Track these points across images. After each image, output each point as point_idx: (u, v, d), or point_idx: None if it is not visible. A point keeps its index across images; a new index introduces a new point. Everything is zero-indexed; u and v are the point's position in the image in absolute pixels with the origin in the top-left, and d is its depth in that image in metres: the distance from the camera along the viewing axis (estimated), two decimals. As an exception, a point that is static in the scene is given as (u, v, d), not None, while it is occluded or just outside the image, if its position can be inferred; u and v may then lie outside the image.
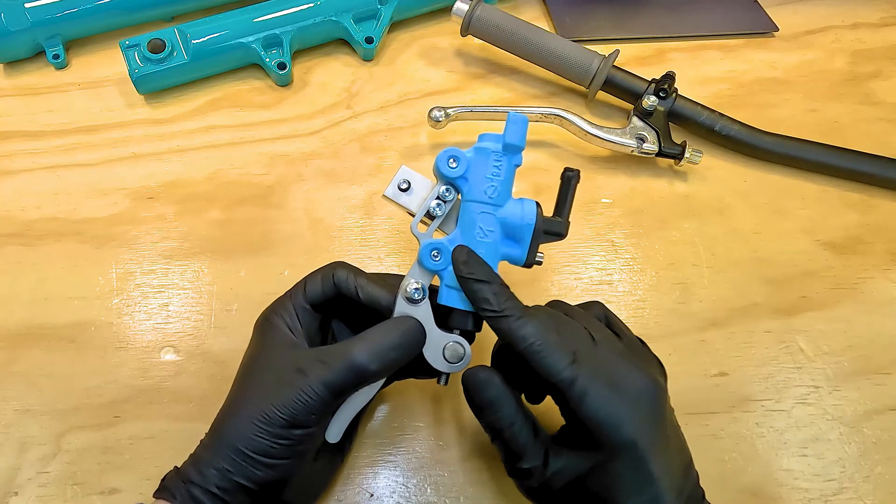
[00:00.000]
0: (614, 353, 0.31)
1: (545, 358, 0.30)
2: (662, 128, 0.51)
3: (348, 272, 0.35)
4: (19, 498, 0.37)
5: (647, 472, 0.28)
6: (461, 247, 0.34)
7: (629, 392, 0.30)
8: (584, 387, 0.29)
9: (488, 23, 0.54)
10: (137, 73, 0.52)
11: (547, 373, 0.30)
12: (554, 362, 0.30)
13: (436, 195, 0.35)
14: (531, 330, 0.30)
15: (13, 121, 0.53)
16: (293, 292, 0.35)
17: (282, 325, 0.34)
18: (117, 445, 0.39)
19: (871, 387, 0.43)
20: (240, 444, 0.30)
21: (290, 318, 0.34)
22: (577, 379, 0.29)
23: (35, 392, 0.41)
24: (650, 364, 0.33)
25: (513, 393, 0.32)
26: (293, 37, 0.55)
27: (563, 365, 0.30)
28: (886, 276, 0.48)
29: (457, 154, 0.34)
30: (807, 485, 0.39)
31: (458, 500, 0.38)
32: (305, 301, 0.35)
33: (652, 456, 0.29)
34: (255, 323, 0.36)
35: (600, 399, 0.29)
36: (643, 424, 0.29)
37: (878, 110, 0.57)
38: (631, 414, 0.29)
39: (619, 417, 0.29)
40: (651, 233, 0.49)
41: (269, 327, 0.34)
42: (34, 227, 0.47)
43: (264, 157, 0.52)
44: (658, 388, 0.31)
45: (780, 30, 0.62)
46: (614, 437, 0.29)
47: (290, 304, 0.35)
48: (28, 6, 0.53)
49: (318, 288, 0.35)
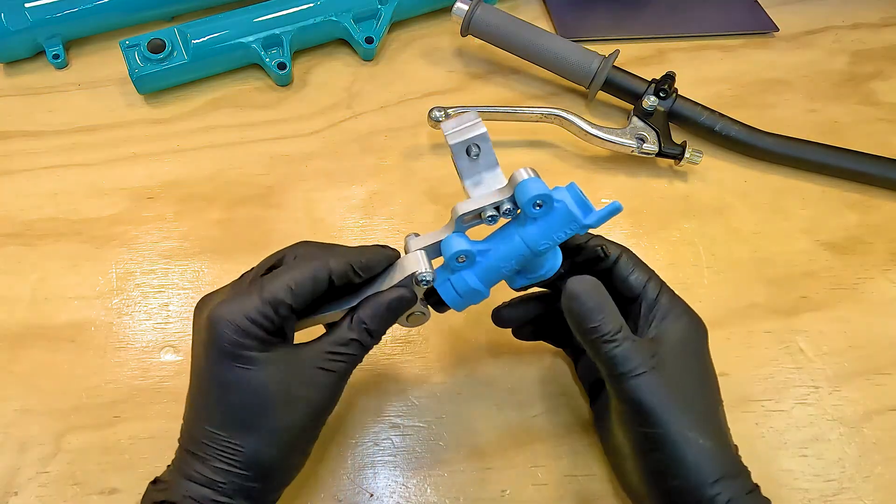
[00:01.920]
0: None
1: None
2: (662, 128, 0.51)
3: (342, 265, 0.32)
4: (19, 498, 0.37)
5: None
6: (590, 286, 0.32)
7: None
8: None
9: (488, 23, 0.54)
10: (137, 73, 0.52)
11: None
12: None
13: (497, 204, 0.32)
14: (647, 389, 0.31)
15: (13, 121, 0.53)
16: (266, 295, 0.30)
17: (247, 343, 0.30)
18: (117, 445, 0.39)
19: (871, 387, 0.43)
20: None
21: (258, 330, 0.30)
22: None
23: (35, 392, 0.41)
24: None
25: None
26: (293, 37, 0.55)
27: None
28: (886, 276, 0.48)
29: (546, 198, 0.31)
30: (807, 485, 0.39)
31: (458, 500, 0.38)
32: (291, 308, 0.31)
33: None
34: (204, 321, 0.31)
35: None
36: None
37: (878, 110, 0.57)
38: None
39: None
40: (651, 233, 0.49)
41: (228, 343, 0.30)
42: (34, 227, 0.47)
43: (264, 157, 0.52)
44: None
45: (780, 30, 0.62)
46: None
47: (260, 309, 0.30)
48: (28, 6, 0.53)
49: (309, 291, 0.31)
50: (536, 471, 0.39)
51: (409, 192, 0.50)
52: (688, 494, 0.30)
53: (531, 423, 0.41)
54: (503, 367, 0.43)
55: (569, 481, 0.39)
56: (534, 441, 0.40)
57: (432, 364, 0.43)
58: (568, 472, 0.39)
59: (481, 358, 0.43)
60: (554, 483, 0.39)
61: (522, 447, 0.40)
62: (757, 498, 0.31)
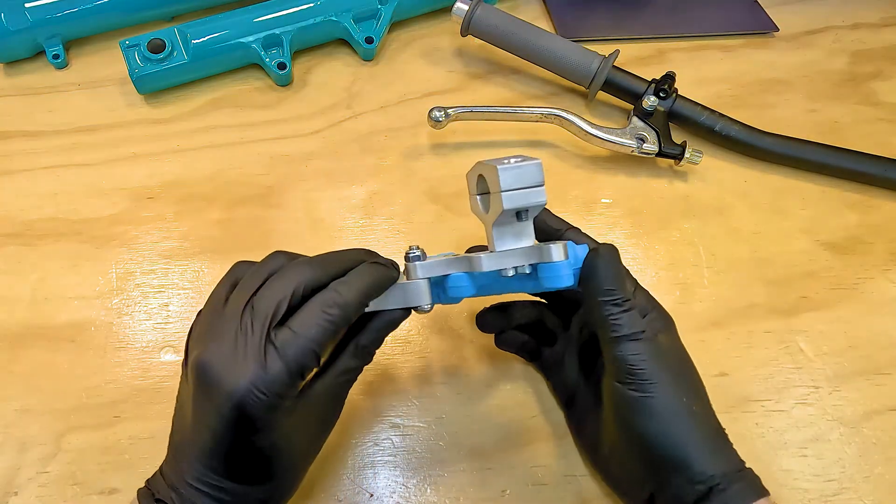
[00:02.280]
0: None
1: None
2: (662, 128, 0.51)
3: (358, 306, 0.30)
4: (19, 498, 0.37)
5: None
6: (610, 256, 0.33)
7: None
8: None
9: (488, 23, 0.54)
10: (137, 73, 0.52)
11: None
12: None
13: (519, 266, 0.32)
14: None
15: (13, 121, 0.53)
16: (292, 366, 0.27)
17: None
18: (117, 445, 0.39)
19: (871, 387, 0.43)
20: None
21: (283, 402, 0.28)
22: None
23: (35, 392, 0.41)
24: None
25: None
26: (293, 37, 0.55)
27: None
28: (886, 276, 0.48)
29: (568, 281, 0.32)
30: (807, 485, 0.39)
31: (458, 500, 0.38)
32: (311, 369, 0.29)
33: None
34: (214, 391, 0.27)
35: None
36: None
37: (878, 110, 0.57)
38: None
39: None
40: (651, 233, 0.49)
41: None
42: (34, 227, 0.47)
43: (264, 157, 0.52)
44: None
45: (780, 30, 0.62)
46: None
47: (288, 382, 0.28)
48: (28, 6, 0.53)
49: (330, 344, 0.29)
50: (536, 471, 0.39)
51: (409, 192, 0.50)
52: (677, 464, 0.30)
53: (531, 423, 0.41)
54: (503, 368, 0.43)
55: (569, 481, 0.39)
56: (534, 441, 0.40)
57: (432, 364, 0.43)
58: (568, 472, 0.39)
59: (481, 358, 0.43)
60: (554, 483, 0.39)
61: (522, 447, 0.40)
62: (749, 475, 0.32)
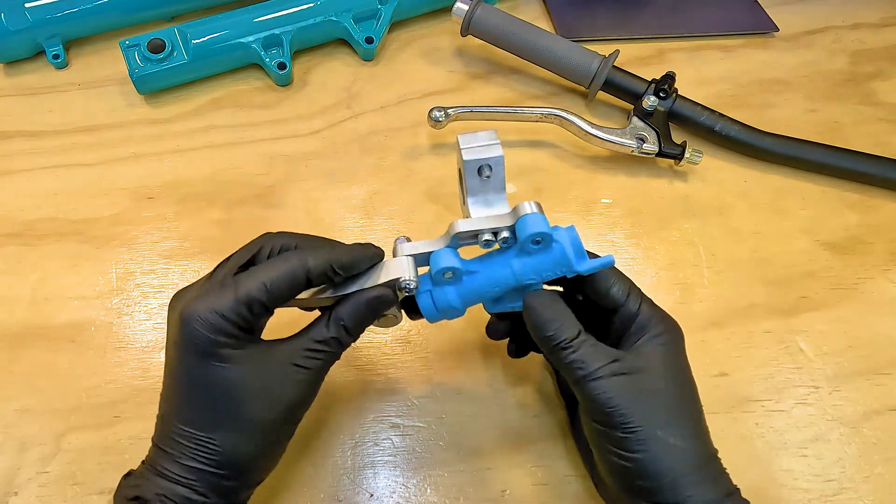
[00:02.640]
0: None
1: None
2: (662, 128, 0.51)
3: (322, 264, 0.31)
4: (19, 498, 0.37)
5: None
6: (546, 298, 0.33)
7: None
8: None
9: (488, 23, 0.54)
10: (137, 73, 0.52)
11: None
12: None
13: (496, 230, 0.32)
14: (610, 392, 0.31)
15: (13, 121, 0.53)
16: (241, 294, 0.29)
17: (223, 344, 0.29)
18: (117, 445, 0.39)
19: (871, 387, 0.43)
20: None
21: (231, 327, 0.29)
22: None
23: (35, 392, 0.41)
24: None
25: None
26: (293, 37, 0.55)
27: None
28: (886, 276, 0.48)
29: (546, 237, 0.32)
30: (807, 485, 0.39)
31: (458, 500, 0.38)
32: (266, 306, 0.30)
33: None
34: (176, 318, 0.30)
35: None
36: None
37: (879, 110, 0.57)
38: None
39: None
40: (651, 233, 0.49)
41: (208, 346, 0.29)
42: (34, 227, 0.47)
43: (264, 157, 0.52)
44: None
45: (780, 30, 0.62)
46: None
47: (234, 308, 0.29)
48: (28, 6, 0.53)
49: (285, 291, 0.30)
50: (536, 471, 0.39)
51: (409, 192, 0.50)
52: (658, 495, 0.30)
53: (531, 423, 0.41)
54: (503, 367, 0.43)
55: (569, 481, 0.39)
56: (534, 441, 0.40)
57: (432, 364, 0.43)
58: (568, 472, 0.39)
59: (481, 358, 0.43)
60: (554, 483, 0.39)
61: (522, 447, 0.40)
62: (736, 501, 0.31)
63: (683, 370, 0.33)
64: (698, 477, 0.30)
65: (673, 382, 0.33)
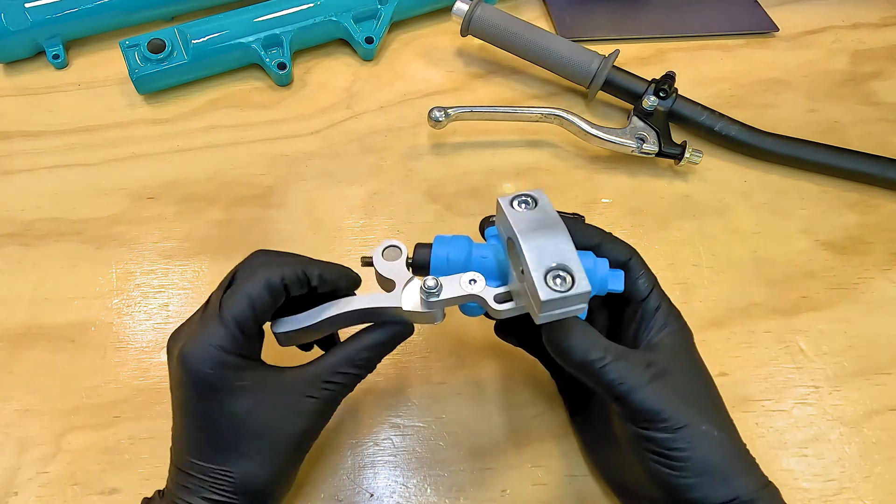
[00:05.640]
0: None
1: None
2: (662, 128, 0.51)
3: (295, 271, 0.31)
4: (19, 498, 0.37)
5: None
6: (565, 328, 0.31)
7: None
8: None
9: (488, 23, 0.54)
10: (137, 73, 0.52)
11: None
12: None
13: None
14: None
15: (13, 121, 0.53)
16: (227, 318, 0.30)
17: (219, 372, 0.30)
18: (117, 445, 0.39)
19: (871, 387, 0.43)
20: None
21: (229, 357, 0.30)
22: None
23: (35, 392, 0.41)
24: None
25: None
26: (293, 37, 0.55)
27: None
28: (886, 276, 0.48)
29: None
30: (807, 485, 0.39)
31: (458, 500, 0.38)
32: (255, 323, 0.30)
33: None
34: (176, 359, 0.31)
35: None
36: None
37: (879, 110, 0.57)
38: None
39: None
40: (651, 233, 0.49)
41: (200, 376, 0.30)
42: (34, 227, 0.47)
43: (264, 157, 0.52)
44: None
45: (780, 30, 0.62)
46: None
47: (225, 335, 0.30)
48: (28, 6, 0.53)
49: (268, 303, 0.30)
50: (536, 471, 0.39)
51: (409, 192, 0.50)
52: (709, 489, 0.29)
53: (531, 423, 0.41)
54: (503, 367, 0.43)
55: (569, 481, 0.39)
56: (534, 441, 0.40)
57: (432, 364, 0.43)
58: (568, 472, 0.39)
59: (481, 358, 0.43)
60: (554, 483, 0.39)
61: (522, 447, 0.40)
62: (773, 492, 0.31)
63: (702, 363, 0.34)
64: (743, 465, 0.31)
65: (699, 376, 0.33)
